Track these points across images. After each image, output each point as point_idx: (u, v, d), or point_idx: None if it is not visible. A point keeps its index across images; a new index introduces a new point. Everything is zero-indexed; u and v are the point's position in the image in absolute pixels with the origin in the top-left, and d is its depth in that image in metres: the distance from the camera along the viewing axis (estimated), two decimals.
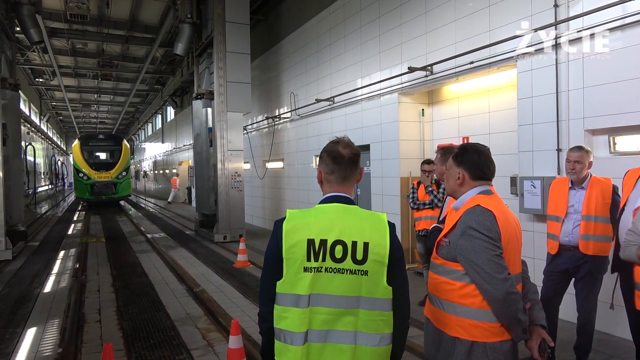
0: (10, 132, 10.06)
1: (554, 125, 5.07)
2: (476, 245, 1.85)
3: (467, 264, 1.88)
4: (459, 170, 2.07)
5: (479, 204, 1.93)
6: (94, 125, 46.25)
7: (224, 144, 10.94)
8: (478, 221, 1.88)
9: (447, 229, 2.03)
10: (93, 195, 21.91)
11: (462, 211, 1.99)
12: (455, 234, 1.95)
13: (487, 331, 1.87)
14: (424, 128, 7.84)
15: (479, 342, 1.87)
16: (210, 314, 5.45)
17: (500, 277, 1.80)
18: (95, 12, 15.63)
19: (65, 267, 8.38)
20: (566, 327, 4.41)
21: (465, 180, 2.06)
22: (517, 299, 1.83)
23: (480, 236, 1.85)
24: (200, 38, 12.42)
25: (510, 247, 1.92)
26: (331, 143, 1.79)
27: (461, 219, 1.95)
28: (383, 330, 1.63)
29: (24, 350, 4.42)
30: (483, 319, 1.86)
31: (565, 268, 3.78)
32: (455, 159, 2.10)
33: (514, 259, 1.95)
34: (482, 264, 1.83)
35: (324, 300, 1.61)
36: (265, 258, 1.73)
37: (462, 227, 1.92)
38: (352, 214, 1.69)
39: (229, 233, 10.97)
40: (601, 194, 3.63)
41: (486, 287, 1.82)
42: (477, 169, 2.05)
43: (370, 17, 8.37)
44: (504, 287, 1.79)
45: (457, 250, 1.92)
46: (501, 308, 1.82)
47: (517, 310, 1.82)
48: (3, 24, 9.75)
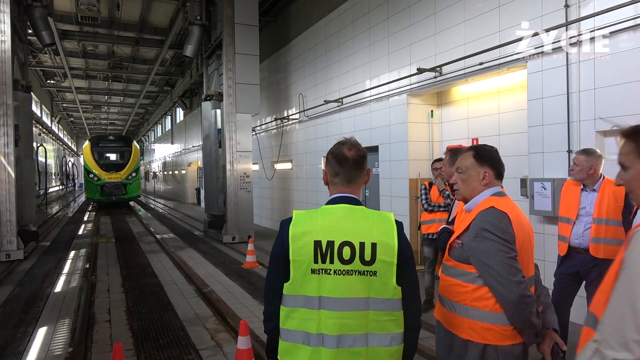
0: (22, 133, 10.20)
1: (565, 127, 5.03)
2: (490, 247, 1.83)
3: (480, 266, 1.86)
4: (484, 169, 2.02)
5: (494, 206, 1.91)
6: (104, 127, 46.65)
7: (233, 145, 10.98)
8: (492, 223, 1.86)
9: (460, 231, 2.01)
10: (103, 195, 22.09)
11: (475, 213, 1.96)
12: (468, 236, 1.93)
13: (500, 334, 1.85)
14: (433, 129, 7.81)
15: (492, 345, 1.85)
16: (218, 315, 5.47)
17: (515, 280, 1.78)
18: (105, 15, 15.80)
19: (75, 267, 8.46)
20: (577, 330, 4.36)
21: (491, 179, 2.02)
22: (531, 302, 1.80)
23: (495, 238, 1.83)
24: (209, 40, 12.48)
25: (524, 249, 1.90)
26: (337, 144, 1.78)
27: (475, 221, 1.92)
28: (394, 330, 1.62)
29: (35, 349, 4.46)
30: (496, 322, 1.85)
31: (576, 271, 3.75)
32: (478, 158, 2.04)
33: (527, 261, 1.93)
34: (496, 266, 1.80)
35: (333, 303, 1.59)
36: (271, 258, 1.72)
37: (476, 229, 1.89)
38: (359, 215, 1.68)
39: (238, 234, 11.00)
40: (613, 196, 3.59)
41: (500, 290, 1.80)
42: (500, 167, 2.05)
43: (379, 18, 8.36)
44: (518, 290, 1.77)
45: (471, 252, 1.89)
46: (515, 311, 1.80)
47: (530, 314, 1.80)
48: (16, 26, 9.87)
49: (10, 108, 8.86)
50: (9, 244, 8.86)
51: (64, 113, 37.19)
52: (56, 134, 32.74)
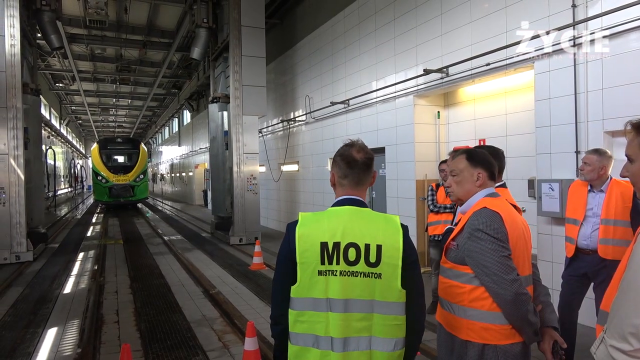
0: (31, 136, 10.29)
1: (573, 127, 5.00)
2: (484, 247, 1.85)
3: (475, 266, 1.87)
4: (478, 170, 2.05)
5: (486, 206, 1.93)
6: (112, 129, 46.98)
7: (240, 147, 11.02)
8: (485, 223, 1.88)
9: (455, 232, 2.03)
10: (111, 197, 22.24)
11: (469, 214, 1.98)
12: (462, 237, 1.95)
13: (498, 333, 1.86)
14: (440, 130, 7.79)
15: (490, 345, 1.86)
16: (226, 316, 5.48)
17: (509, 278, 1.80)
18: (113, 18, 15.93)
19: (84, 269, 8.52)
20: (586, 332, 4.33)
21: (484, 180, 2.05)
22: (526, 300, 1.82)
23: (488, 238, 1.85)
24: (216, 42, 12.54)
25: (518, 248, 1.91)
26: (345, 146, 1.77)
27: (468, 222, 1.95)
28: (397, 334, 1.62)
29: (44, 350, 4.50)
30: (494, 322, 1.86)
31: (584, 272, 3.72)
32: (471, 160, 2.08)
33: (522, 260, 1.94)
34: (491, 265, 1.82)
35: (338, 304, 1.60)
36: (278, 261, 1.73)
37: (470, 230, 1.92)
38: (365, 217, 1.68)
39: (245, 235, 11.03)
40: (621, 197, 3.56)
41: (495, 289, 1.81)
42: (493, 168, 2.07)
43: (385, 20, 8.36)
44: (512, 288, 1.79)
45: (466, 253, 1.91)
46: (511, 309, 1.81)
47: (527, 312, 1.81)
48: (25, 30, 9.97)
49: (19, 111, 8.96)
50: (19, 245, 8.95)
51: (73, 116, 37.49)
52: (65, 136, 33.01)
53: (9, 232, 8.86)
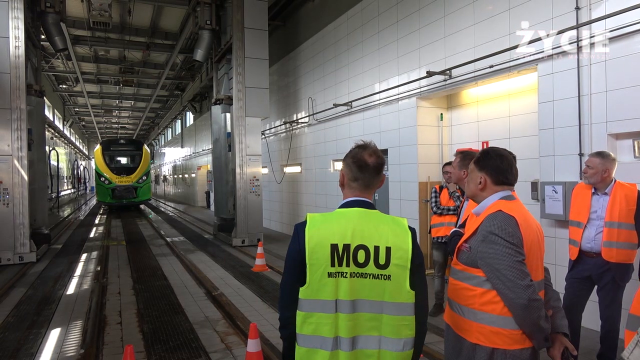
0: (35, 137, 10.34)
1: (576, 130, 4.99)
2: (498, 251, 1.83)
3: (488, 270, 1.85)
4: (481, 174, 2.04)
5: (501, 210, 1.91)
6: (115, 131, 47.12)
7: (243, 149, 11.04)
8: (500, 227, 1.86)
9: (468, 234, 2.01)
10: (114, 199, 22.28)
11: (483, 216, 1.96)
12: (476, 240, 1.93)
13: (508, 338, 1.84)
14: (443, 132, 7.79)
15: (500, 350, 1.85)
16: (228, 318, 5.48)
17: (523, 284, 1.77)
18: (117, 20, 15.98)
19: (87, 270, 8.53)
20: (589, 335, 4.32)
21: (487, 185, 2.04)
22: (539, 306, 1.79)
23: (502, 242, 1.83)
24: (219, 44, 12.57)
25: (532, 253, 1.89)
26: (357, 148, 1.76)
27: (483, 225, 1.92)
28: (406, 334, 1.63)
29: (47, 351, 4.51)
30: (504, 326, 1.84)
31: (588, 275, 3.71)
32: (477, 163, 2.07)
33: (536, 265, 1.91)
34: (504, 270, 1.80)
35: (348, 305, 1.60)
36: (286, 262, 1.72)
37: (484, 233, 1.89)
38: (374, 219, 1.68)
39: (247, 237, 11.03)
40: (625, 200, 3.55)
41: (508, 294, 1.79)
42: (499, 174, 2.02)
43: (388, 22, 8.37)
44: (526, 294, 1.76)
45: (479, 256, 1.89)
46: (523, 315, 1.79)
47: (539, 318, 1.79)
48: (29, 32, 10.01)
49: (23, 112, 8.99)
50: (22, 246, 8.97)
51: (76, 117, 37.63)
52: (68, 137, 33.10)
53: (12, 233, 8.89)
